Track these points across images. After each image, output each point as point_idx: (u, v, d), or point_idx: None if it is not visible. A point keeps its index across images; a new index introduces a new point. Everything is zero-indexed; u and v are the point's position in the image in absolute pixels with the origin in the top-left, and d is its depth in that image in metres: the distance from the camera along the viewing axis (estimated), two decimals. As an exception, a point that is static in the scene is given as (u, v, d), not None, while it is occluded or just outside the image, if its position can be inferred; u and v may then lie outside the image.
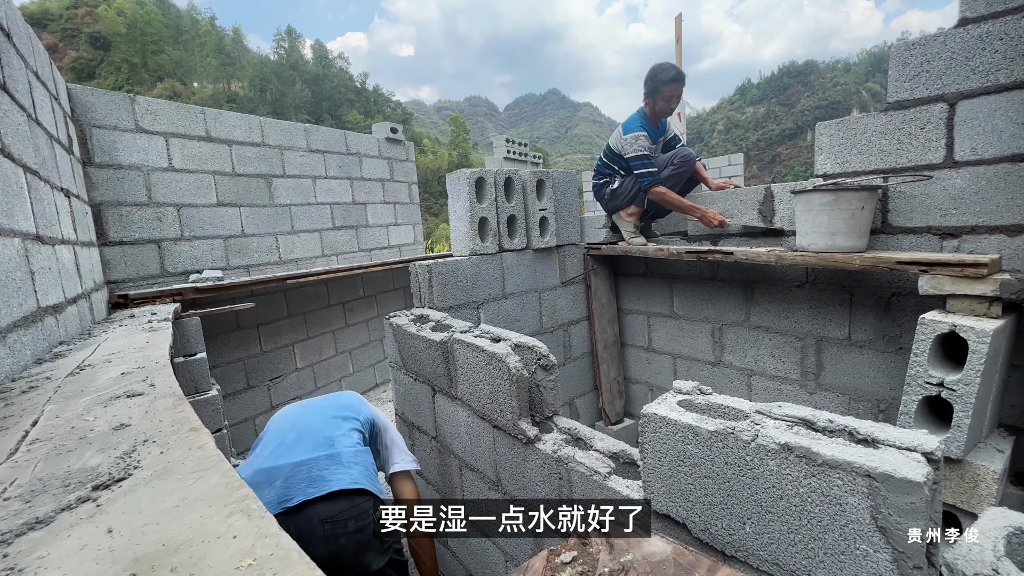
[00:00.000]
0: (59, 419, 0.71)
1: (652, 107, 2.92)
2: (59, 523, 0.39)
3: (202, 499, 0.40)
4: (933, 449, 0.78)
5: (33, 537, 0.37)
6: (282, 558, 0.31)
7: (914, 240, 2.10)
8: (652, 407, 1.08)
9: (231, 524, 0.36)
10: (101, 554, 0.34)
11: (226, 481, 0.42)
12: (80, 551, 0.35)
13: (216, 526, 0.36)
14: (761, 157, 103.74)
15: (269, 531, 0.34)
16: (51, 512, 0.41)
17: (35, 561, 0.34)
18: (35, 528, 0.39)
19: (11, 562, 0.34)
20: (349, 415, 1.77)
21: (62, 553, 0.35)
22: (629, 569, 0.44)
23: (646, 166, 2.85)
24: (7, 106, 1.65)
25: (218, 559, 0.32)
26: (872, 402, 2.35)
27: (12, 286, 1.37)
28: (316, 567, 0.30)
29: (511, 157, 10.24)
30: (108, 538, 0.36)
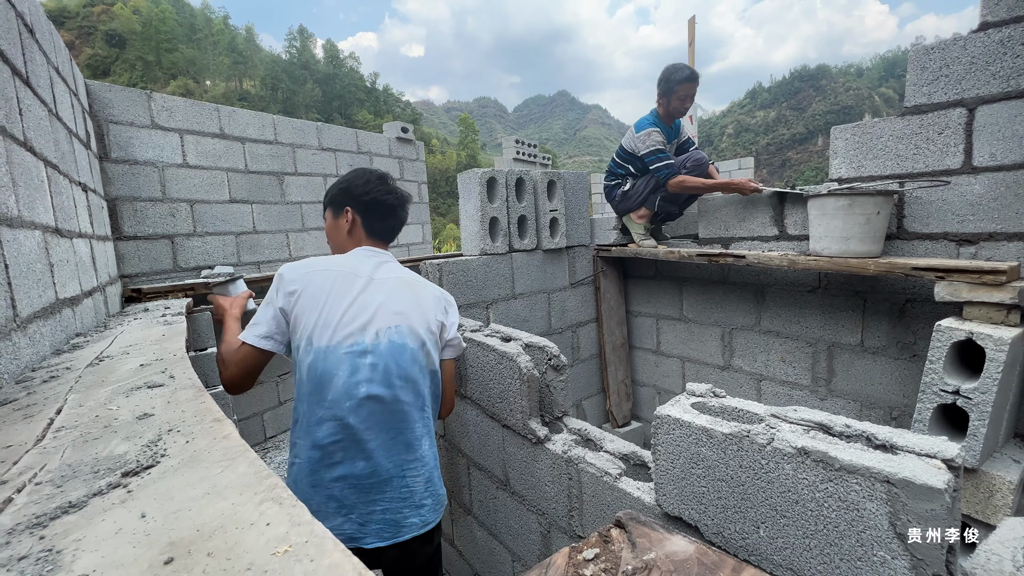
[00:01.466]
0: (83, 408, 0.72)
1: (666, 107, 2.92)
2: (92, 507, 0.40)
3: (232, 487, 0.40)
4: (953, 456, 0.77)
5: (68, 520, 0.38)
6: (317, 545, 0.31)
7: (930, 246, 2.08)
8: (666, 409, 1.07)
9: (263, 512, 0.36)
10: (136, 537, 0.34)
11: (254, 470, 0.43)
12: (115, 534, 0.35)
13: (248, 513, 0.36)
14: (771, 161, 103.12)
15: (302, 519, 0.34)
16: (83, 497, 0.41)
17: (72, 543, 0.35)
18: (68, 512, 0.39)
19: (48, 544, 0.35)
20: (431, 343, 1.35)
21: (98, 536, 0.35)
22: (652, 567, 0.44)
23: (661, 159, 2.84)
24: (29, 101, 1.68)
25: (253, 544, 0.32)
26: (884, 409, 2.33)
27: (33, 277, 1.40)
28: (351, 554, 0.30)
29: (520, 158, 10.25)
30: (142, 522, 0.36)
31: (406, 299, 1.36)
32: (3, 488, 0.46)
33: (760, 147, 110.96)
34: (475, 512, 1.95)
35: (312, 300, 1.30)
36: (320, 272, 1.35)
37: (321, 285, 1.32)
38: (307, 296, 1.30)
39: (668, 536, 0.50)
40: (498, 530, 1.81)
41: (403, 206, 1.60)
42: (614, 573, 0.44)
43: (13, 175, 1.38)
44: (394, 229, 1.61)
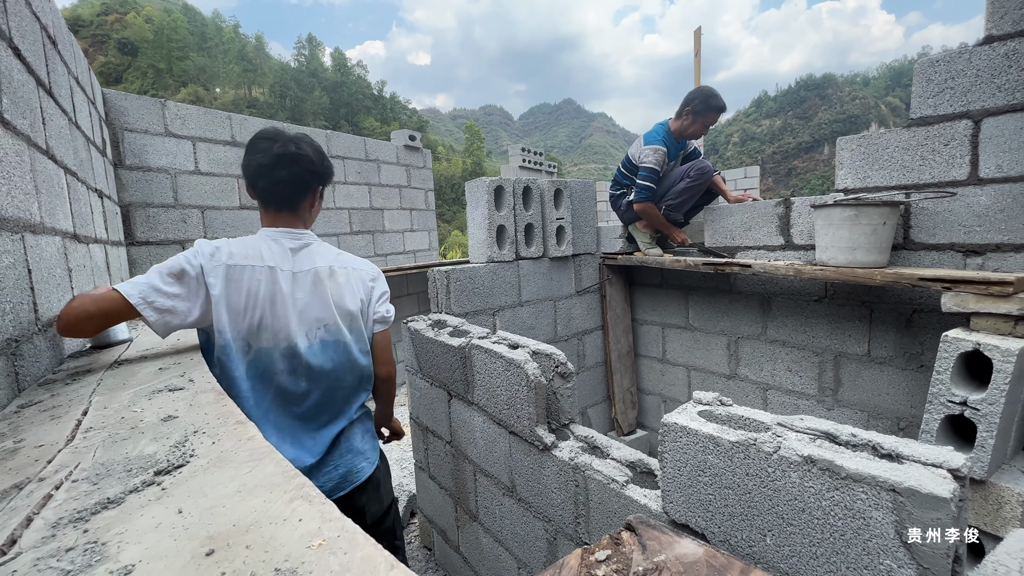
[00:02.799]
0: (107, 410, 0.74)
1: (686, 124, 2.91)
2: (129, 503, 0.42)
3: (262, 486, 0.42)
4: (959, 466, 0.78)
5: (108, 515, 0.40)
6: (349, 539, 0.33)
7: (936, 257, 2.08)
8: (673, 416, 1.08)
9: (294, 508, 0.38)
10: (176, 531, 0.36)
11: (282, 470, 0.45)
12: (155, 528, 0.37)
13: (280, 510, 0.38)
14: (777, 170, 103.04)
15: (332, 516, 0.36)
16: (120, 494, 0.44)
17: (115, 536, 0.37)
18: (108, 507, 0.41)
19: (92, 536, 0.37)
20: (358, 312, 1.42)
21: (139, 530, 0.37)
22: (663, 569, 0.45)
23: (648, 179, 2.89)
24: (51, 110, 1.73)
25: (288, 538, 0.34)
26: (892, 419, 2.32)
27: (53, 282, 1.43)
28: (382, 548, 0.32)
29: (526, 166, 10.31)
30: (180, 518, 0.38)
31: (323, 299, 1.34)
32: (42, 485, 0.48)
33: (766, 156, 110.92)
34: (481, 519, 1.96)
35: (241, 296, 1.21)
36: (239, 267, 1.24)
37: (249, 280, 1.23)
38: (232, 291, 1.21)
39: (678, 539, 0.51)
40: (504, 537, 1.82)
41: (289, 157, 1.29)
42: (625, 574, 0.45)
43: (37, 183, 1.42)
44: (290, 192, 1.34)
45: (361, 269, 1.49)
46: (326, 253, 1.44)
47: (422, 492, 2.51)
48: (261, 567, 0.31)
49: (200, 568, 0.32)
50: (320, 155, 1.40)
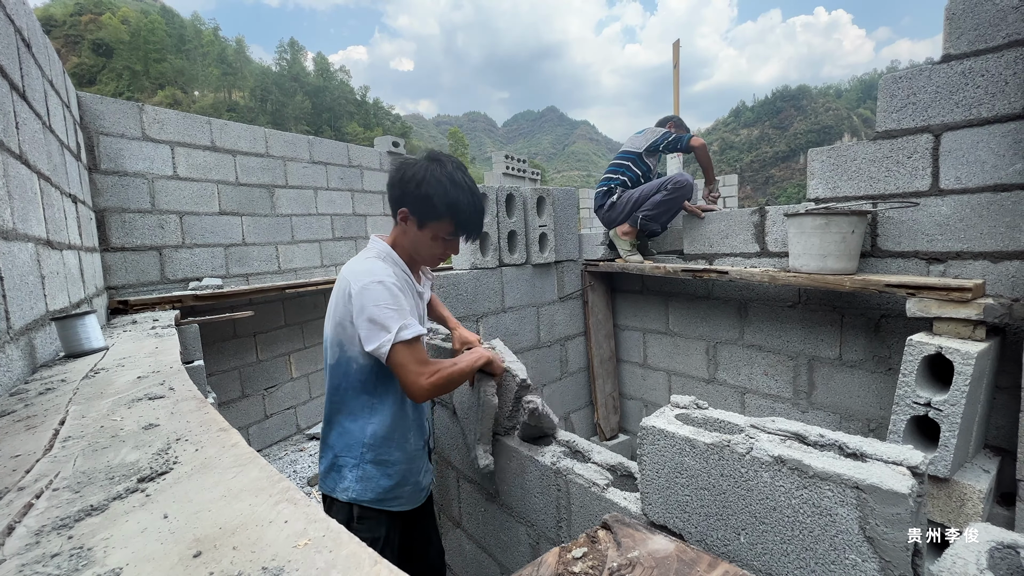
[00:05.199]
0: (86, 419, 0.74)
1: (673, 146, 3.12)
2: (113, 510, 0.42)
3: (247, 490, 0.43)
4: (918, 463, 0.82)
5: (92, 522, 0.40)
6: (334, 539, 0.34)
7: (902, 264, 2.17)
8: (651, 420, 1.11)
9: (280, 511, 0.39)
10: (162, 535, 0.37)
11: (266, 475, 0.45)
12: (141, 533, 0.38)
13: (266, 513, 0.39)
14: (755, 178, 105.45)
15: (317, 517, 0.37)
16: (103, 501, 0.44)
17: (100, 542, 0.37)
18: (91, 514, 0.42)
19: (77, 542, 0.37)
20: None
21: (124, 535, 0.38)
22: (636, 564, 0.47)
23: (669, 136, 3.07)
24: (25, 114, 1.69)
25: (275, 539, 0.35)
26: (863, 421, 2.40)
27: (26, 289, 1.40)
28: (366, 546, 0.33)
29: (510, 173, 10.38)
30: (165, 522, 0.39)
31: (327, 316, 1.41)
32: (21, 494, 0.48)
33: (744, 164, 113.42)
34: (464, 525, 1.96)
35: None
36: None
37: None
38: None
39: (651, 536, 0.53)
40: (487, 543, 1.82)
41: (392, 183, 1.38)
42: (600, 570, 0.47)
43: (9, 188, 1.39)
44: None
45: (346, 278, 1.30)
46: (355, 256, 1.42)
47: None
48: (248, 566, 0.32)
49: (188, 569, 0.32)
50: (391, 177, 1.37)
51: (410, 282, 1.42)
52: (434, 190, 1.27)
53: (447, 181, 1.28)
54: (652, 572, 0.46)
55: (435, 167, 1.29)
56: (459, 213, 1.30)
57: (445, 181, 1.28)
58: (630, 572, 0.46)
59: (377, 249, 1.39)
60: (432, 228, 1.33)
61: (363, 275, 1.27)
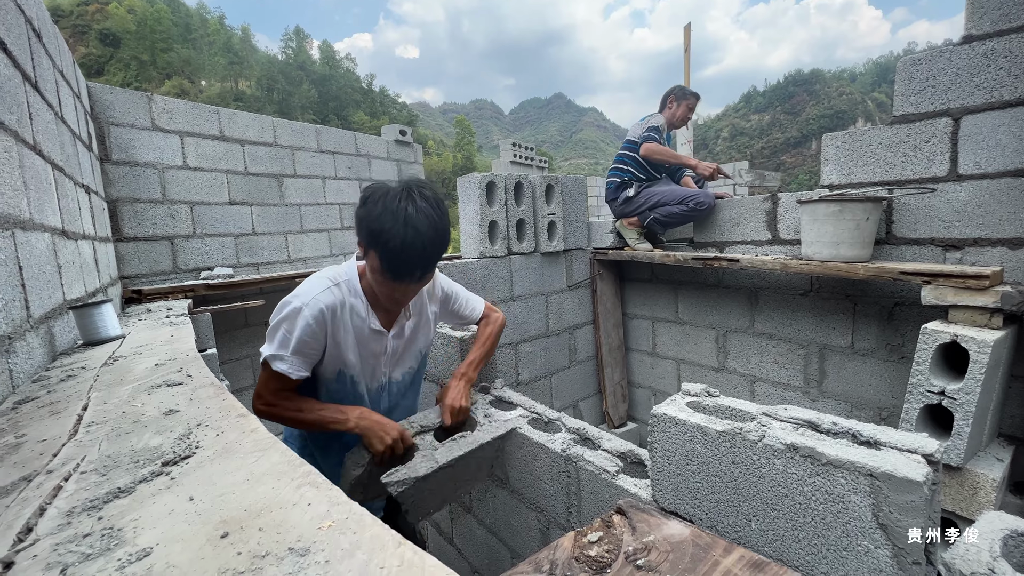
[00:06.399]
0: (107, 404, 0.75)
1: (673, 112, 3.10)
2: (140, 492, 0.43)
3: (269, 474, 0.44)
4: (933, 451, 0.82)
5: (120, 504, 0.42)
6: (358, 520, 0.35)
7: (917, 251, 2.14)
8: (662, 408, 1.12)
9: (303, 494, 0.40)
10: (189, 517, 0.38)
11: (287, 459, 0.46)
12: (169, 515, 0.39)
13: (289, 495, 0.40)
14: (765, 165, 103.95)
15: (340, 500, 0.38)
16: (130, 483, 0.45)
17: (129, 523, 0.38)
18: (120, 496, 0.43)
19: (107, 523, 0.38)
20: None
21: (153, 516, 0.39)
22: (652, 548, 0.48)
23: (655, 132, 3.02)
24: (38, 105, 1.71)
25: (299, 521, 0.36)
26: (874, 410, 2.39)
27: (43, 279, 1.42)
28: (389, 528, 0.34)
29: (517, 161, 10.32)
30: (191, 504, 0.40)
31: None
32: (50, 476, 0.49)
33: (755, 151, 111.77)
34: (474, 511, 1.99)
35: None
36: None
37: None
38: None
39: (665, 521, 0.54)
40: (497, 528, 1.85)
41: None
42: (616, 554, 0.48)
43: (25, 178, 1.41)
44: None
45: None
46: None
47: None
48: (275, 546, 0.33)
49: (216, 549, 0.33)
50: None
51: (363, 318, 1.32)
52: (367, 214, 1.15)
53: (384, 208, 1.13)
54: (668, 556, 0.46)
55: (391, 193, 1.15)
56: (382, 245, 1.12)
57: (383, 207, 1.13)
58: (646, 556, 0.46)
59: (341, 272, 1.33)
60: (369, 260, 1.21)
61: (298, 293, 1.27)
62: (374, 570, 0.29)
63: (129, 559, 0.33)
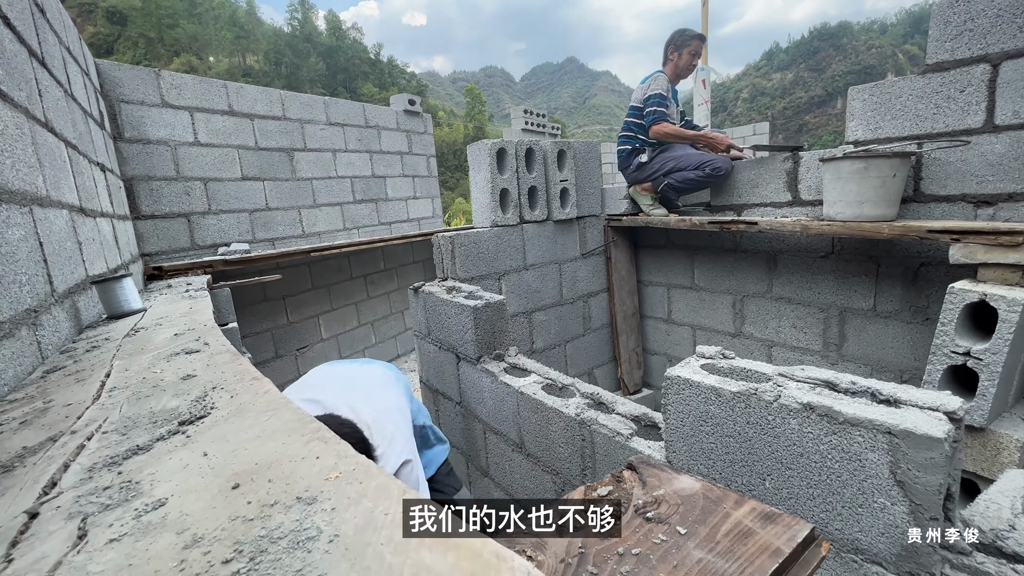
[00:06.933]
0: (129, 371, 0.77)
1: (676, 63, 2.96)
2: (158, 450, 0.45)
3: (280, 431, 0.45)
4: (955, 409, 0.80)
5: (139, 460, 0.43)
6: (364, 471, 0.35)
7: (947, 208, 2.05)
8: (676, 370, 1.11)
9: (311, 449, 0.41)
10: (203, 470, 0.39)
11: (298, 417, 0.47)
12: (184, 469, 0.40)
13: (298, 450, 0.41)
14: (787, 126, 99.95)
15: (347, 453, 0.39)
16: (148, 441, 0.46)
17: (147, 476, 0.39)
18: (138, 453, 0.44)
19: (126, 477, 0.40)
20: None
21: (169, 471, 0.40)
22: (662, 502, 0.48)
23: (658, 104, 2.88)
24: (46, 81, 1.71)
25: (307, 473, 0.37)
26: (895, 372, 2.35)
27: (64, 255, 1.46)
28: (395, 478, 0.34)
29: (529, 128, 10.09)
30: (205, 459, 0.41)
31: None
32: (74, 437, 0.51)
33: (776, 111, 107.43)
34: (492, 474, 2.04)
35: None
36: None
37: None
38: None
39: (676, 476, 0.54)
40: (514, 491, 1.90)
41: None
42: (626, 506, 0.48)
43: (39, 155, 1.42)
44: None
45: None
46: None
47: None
48: (284, 496, 0.34)
49: (228, 499, 0.34)
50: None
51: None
52: None
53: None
54: (678, 509, 0.46)
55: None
56: None
57: None
58: (655, 508, 0.47)
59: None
60: None
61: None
62: (379, 516, 0.30)
63: (146, 508, 0.34)
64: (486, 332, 1.92)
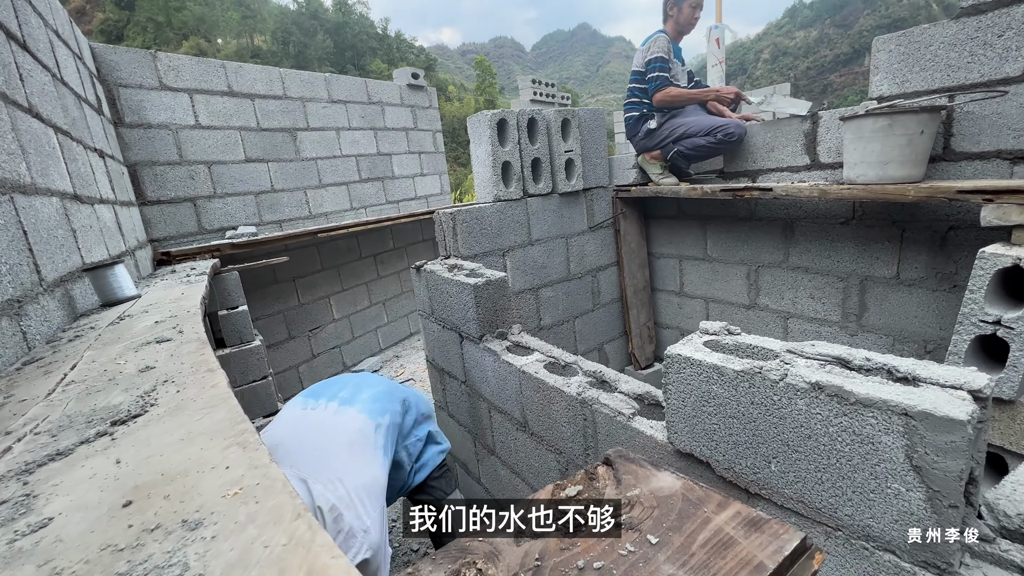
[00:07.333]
0: (95, 363, 0.74)
1: (676, 19, 2.83)
2: (77, 455, 0.42)
3: (205, 433, 0.41)
4: (981, 387, 0.72)
5: (52, 467, 0.40)
6: (266, 487, 0.31)
7: (979, 167, 1.90)
8: (676, 348, 1.05)
9: (226, 456, 0.37)
10: (107, 482, 0.36)
11: (230, 417, 0.43)
12: (90, 479, 0.37)
13: (213, 457, 0.37)
14: (811, 87, 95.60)
15: (260, 462, 0.35)
16: (71, 445, 0.43)
17: (49, 488, 0.36)
18: (55, 459, 0.41)
19: (29, 489, 0.37)
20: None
21: (73, 481, 0.37)
22: (635, 504, 0.43)
23: (659, 68, 2.76)
24: (29, 65, 1.67)
25: (208, 487, 0.33)
26: (918, 343, 2.24)
27: (55, 243, 1.44)
28: (298, 496, 0.30)
29: (538, 99, 9.81)
30: (116, 468, 0.38)
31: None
32: (6, 439, 0.48)
33: (799, 72, 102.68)
34: (498, 452, 2.02)
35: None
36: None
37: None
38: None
39: (655, 473, 0.49)
40: (520, 469, 1.88)
41: None
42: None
43: (21, 142, 1.39)
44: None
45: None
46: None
47: (443, 429, 2.60)
48: (169, 519, 0.30)
49: (112, 520, 0.31)
50: None
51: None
52: None
53: None
54: (652, 512, 0.42)
55: None
56: None
57: None
58: (627, 511, 0.42)
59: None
60: None
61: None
62: (257, 549, 0.26)
63: (26, 530, 0.31)
64: (488, 310, 1.88)
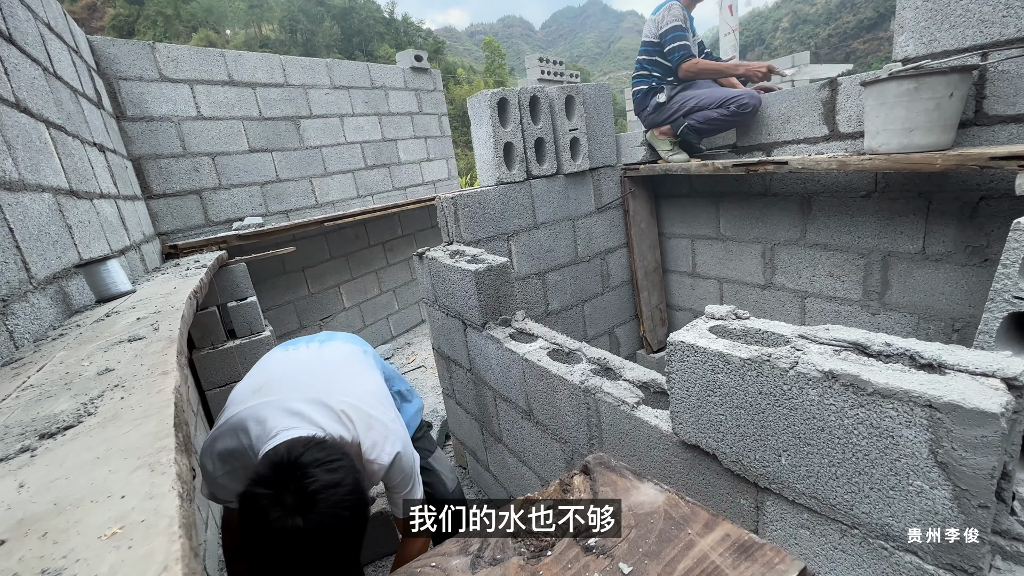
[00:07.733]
0: (61, 365, 0.72)
1: None
2: (-11, 475, 0.38)
3: (123, 450, 0.38)
4: (1018, 373, 0.65)
5: (-43, 491, 0.36)
6: (150, 526, 0.27)
7: (1015, 131, 1.76)
8: (680, 334, 0.98)
9: (129, 481, 0.33)
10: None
11: (157, 430, 0.40)
12: (-18, 509, 0.33)
13: (115, 483, 0.33)
14: (832, 55, 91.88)
15: (155, 493, 0.31)
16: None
17: (-61, 519, 0.33)
18: (-36, 480, 0.38)
19: (-80, 520, 0.33)
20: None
21: (-36, 510, 0.33)
22: (611, 522, 0.38)
23: (679, 39, 2.61)
24: (16, 59, 1.64)
25: (90, 525, 0.29)
26: (945, 321, 2.13)
27: (47, 239, 1.42)
28: (180, 537, 0.26)
29: (546, 78, 9.57)
30: (15, 494, 0.34)
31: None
32: (-66, 453, 0.45)
33: (820, 40, 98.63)
34: (505, 440, 1.99)
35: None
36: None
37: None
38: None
39: (637, 484, 0.43)
40: (526, 457, 1.85)
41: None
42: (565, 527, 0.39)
43: (7, 138, 1.37)
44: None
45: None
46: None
47: (452, 417, 2.59)
48: (33, 566, 0.26)
49: (-25, 565, 0.27)
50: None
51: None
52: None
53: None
54: (628, 534, 0.36)
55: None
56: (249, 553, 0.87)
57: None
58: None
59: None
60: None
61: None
62: None
63: None
64: (490, 297, 1.83)
